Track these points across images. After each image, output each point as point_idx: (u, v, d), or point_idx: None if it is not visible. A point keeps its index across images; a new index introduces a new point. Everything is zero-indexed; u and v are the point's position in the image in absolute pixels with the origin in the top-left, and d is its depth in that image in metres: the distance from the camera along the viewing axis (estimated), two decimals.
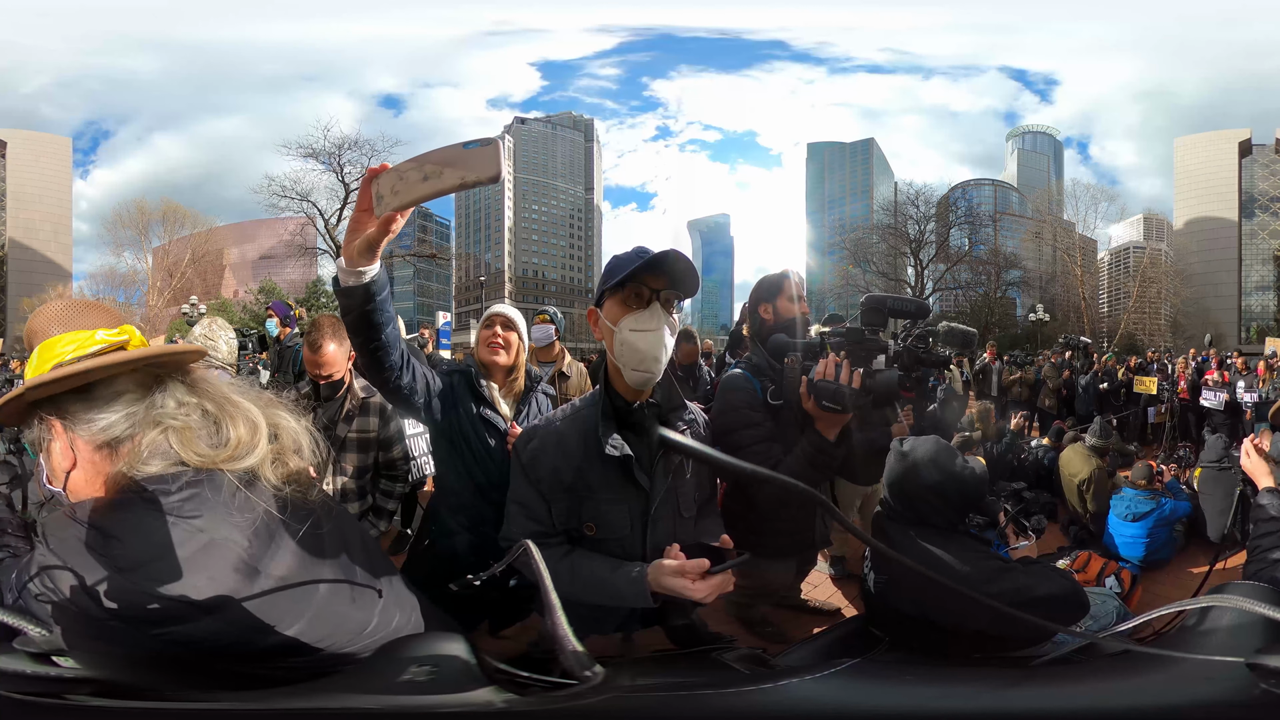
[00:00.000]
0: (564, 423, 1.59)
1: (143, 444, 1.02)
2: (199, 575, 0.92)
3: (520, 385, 2.30)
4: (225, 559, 0.96)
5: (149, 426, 1.03)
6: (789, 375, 1.88)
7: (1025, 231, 41.29)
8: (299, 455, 1.12)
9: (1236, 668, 0.66)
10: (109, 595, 0.87)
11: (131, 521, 0.95)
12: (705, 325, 45.91)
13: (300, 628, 0.95)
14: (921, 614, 1.63)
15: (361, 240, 1.16)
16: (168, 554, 0.92)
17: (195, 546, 0.94)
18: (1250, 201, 38.76)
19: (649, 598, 1.38)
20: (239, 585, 0.94)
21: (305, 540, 1.04)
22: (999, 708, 0.79)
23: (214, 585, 0.92)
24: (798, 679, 0.83)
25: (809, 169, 48.04)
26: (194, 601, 0.90)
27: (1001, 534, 3.02)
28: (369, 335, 1.52)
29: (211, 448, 1.04)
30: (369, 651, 0.95)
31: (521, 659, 0.74)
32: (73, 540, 0.92)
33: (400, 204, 1.02)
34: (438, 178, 0.96)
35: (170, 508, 0.96)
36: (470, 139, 0.96)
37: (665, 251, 1.43)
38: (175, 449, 1.02)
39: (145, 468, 1.01)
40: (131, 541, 0.92)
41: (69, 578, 0.88)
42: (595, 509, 1.53)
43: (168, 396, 1.06)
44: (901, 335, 1.77)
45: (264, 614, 0.93)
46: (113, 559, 0.90)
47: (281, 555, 1.01)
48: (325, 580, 1.03)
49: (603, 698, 0.66)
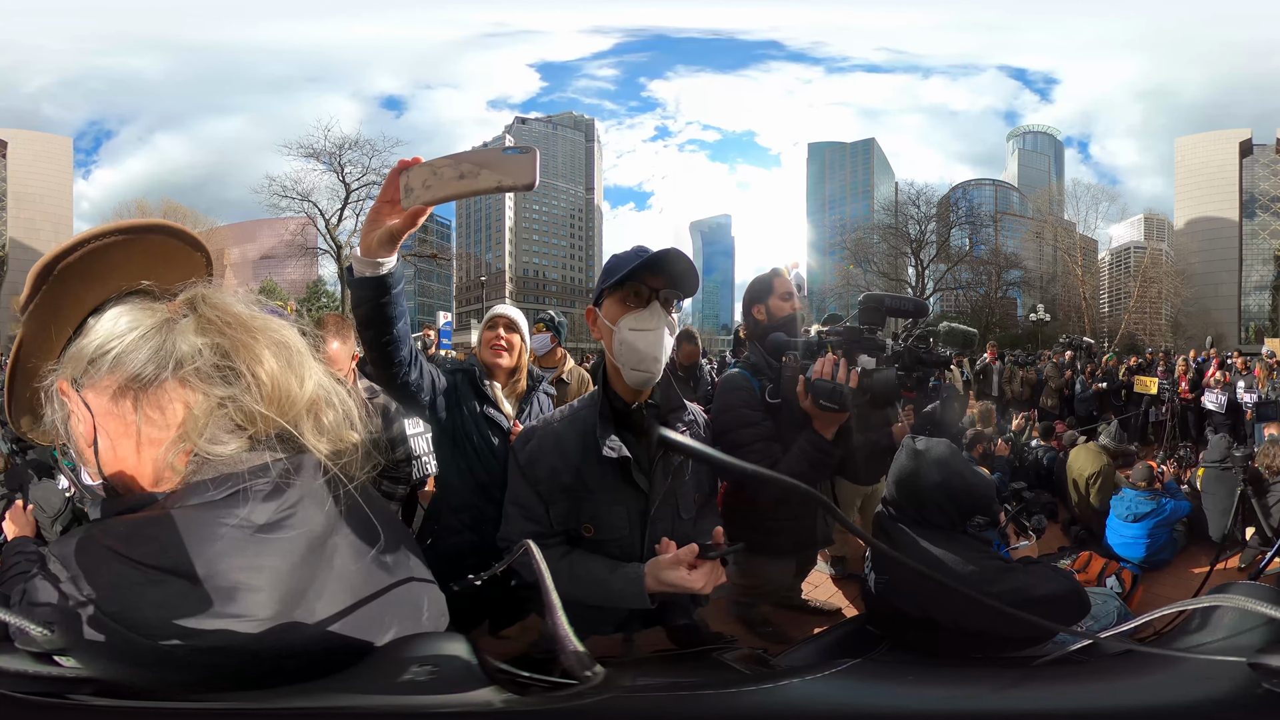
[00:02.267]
0: (562, 423, 1.59)
1: (195, 408, 0.76)
2: (313, 605, 0.71)
3: (523, 385, 2.31)
4: (338, 581, 0.74)
5: (175, 369, 0.76)
6: (787, 374, 1.88)
7: (1026, 231, 41.27)
8: (351, 426, 0.90)
9: (1238, 667, 0.66)
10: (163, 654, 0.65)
11: (206, 560, 0.67)
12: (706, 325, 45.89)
13: (396, 630, 0.78)
14: (923, 614, 1.63)
15: (383, 231, 1.15)
16: (276, 604, 0.68)
17: (303, 582, 0.71)
18: (1251, 201, 38.71)
19: (646, 598, 1.37)
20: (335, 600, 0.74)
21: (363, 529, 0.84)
22: (1000, 708, 0.79)
23: (325, 610, 0.72)
24: (799, 679, 0.83)
25: (810, 169, 48.03)
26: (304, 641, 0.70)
27: (1002, 534, 3.03)
28: (381, 328, 1.50)
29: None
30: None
31: (522, 659, 0.73)
32: (106, 581, 0.66)
33: (431, 199, 1.03)
34: (474, 177, 0.97)
35: (271, 523, 0.71)
36: (508, 146, 1.00)
37: (665, 250, 1.43)
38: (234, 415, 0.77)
39: (217, 447, 0.76)
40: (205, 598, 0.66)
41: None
42: (594, 510, 1.52)
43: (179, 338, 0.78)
44: (902, 335, 1.77)
45: (362, 630, 0.75)
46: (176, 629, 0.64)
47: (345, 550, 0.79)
48: (411, 579, 0.85)
49: (603, 698, 0.66)
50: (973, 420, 5.65)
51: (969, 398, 7.37)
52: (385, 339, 1.54)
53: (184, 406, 0.77)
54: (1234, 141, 38.82)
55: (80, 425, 0.79)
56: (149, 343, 0.77)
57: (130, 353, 0.76)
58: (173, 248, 0.87)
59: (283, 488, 0.75)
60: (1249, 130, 38.63)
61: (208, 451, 0.76)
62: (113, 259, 0.81)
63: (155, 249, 0.85)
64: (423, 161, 1.03)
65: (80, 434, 0.79)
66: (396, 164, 1.07)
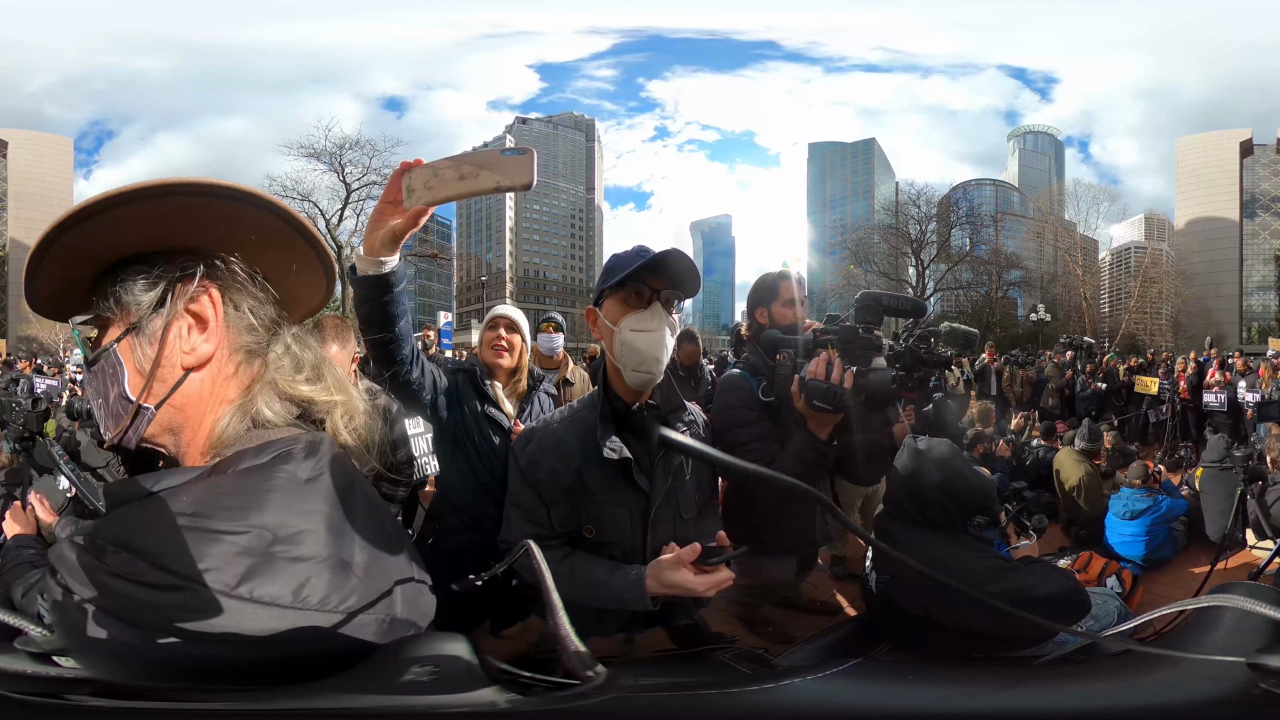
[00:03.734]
0: (562, 424, 1.58)
1: (262, 375, 0.81)
2: (351, 545, 0.76)
3: (524, 385, 2.31)
4: (362, 527, 0.78)
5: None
6: (781, 373, 1.83)
7: (1026, 231, 41.34)
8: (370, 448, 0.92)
9: (1237, 667, 0.66)
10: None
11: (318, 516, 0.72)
12: (706, 326, 45.93)
13: (402, 605, 0.80)
14: (923, 614, 1.63)
15: (386, 231, 1.17)
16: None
17: (341, 523, 0.76)
18: (1252, 201, 38.76)
19: (647, 601, 1.37)
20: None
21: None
22: (1001, 708, 0.79)
23: (359, 552, 0.76)
24: (800, 679, 0.83)
25: (810, 169, 48.08)
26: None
27: (1002, 533, 3.03)
28: (383, 327, 1.51)
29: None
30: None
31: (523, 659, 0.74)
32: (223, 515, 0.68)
33: (433, 199, 1.05)
34: (474, 178, 0.99)
35: (312, 477, 0.76)
36: (507, 148, 1.01)
37: (667, 251, 1.42)
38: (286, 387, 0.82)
39: (299, 387, 0.82)
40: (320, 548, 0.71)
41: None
42: (595, 512, 1.52)
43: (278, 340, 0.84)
44: (903, 335, 1.77)
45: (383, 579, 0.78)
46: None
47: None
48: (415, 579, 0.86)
49: (605, 698, 0.66)
50: (973, 420, 5.65)
51: (970, 398, 7.37)
52: (387, 337, 1.55)
53: (255, 373, 0.82)
54: (1234, 141, 38.86)
55: (199, 338, 0.78)
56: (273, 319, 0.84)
57: (265, 307, 0.83)
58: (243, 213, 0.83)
59: (316, 447, 0.79)
60: (1250, 130, 38.68)
61: (265, 417, 0.79)
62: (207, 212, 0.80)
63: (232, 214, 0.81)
64: (424, 163, 1.05)
65: (193, 346, 0.78)
66: (399, 165, 1.09)
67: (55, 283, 0.81)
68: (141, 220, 0.76)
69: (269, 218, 0.80)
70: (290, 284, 0.88)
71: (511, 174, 0.97)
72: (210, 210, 0.77)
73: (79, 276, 0.81)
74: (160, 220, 0.77)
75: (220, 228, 0.79)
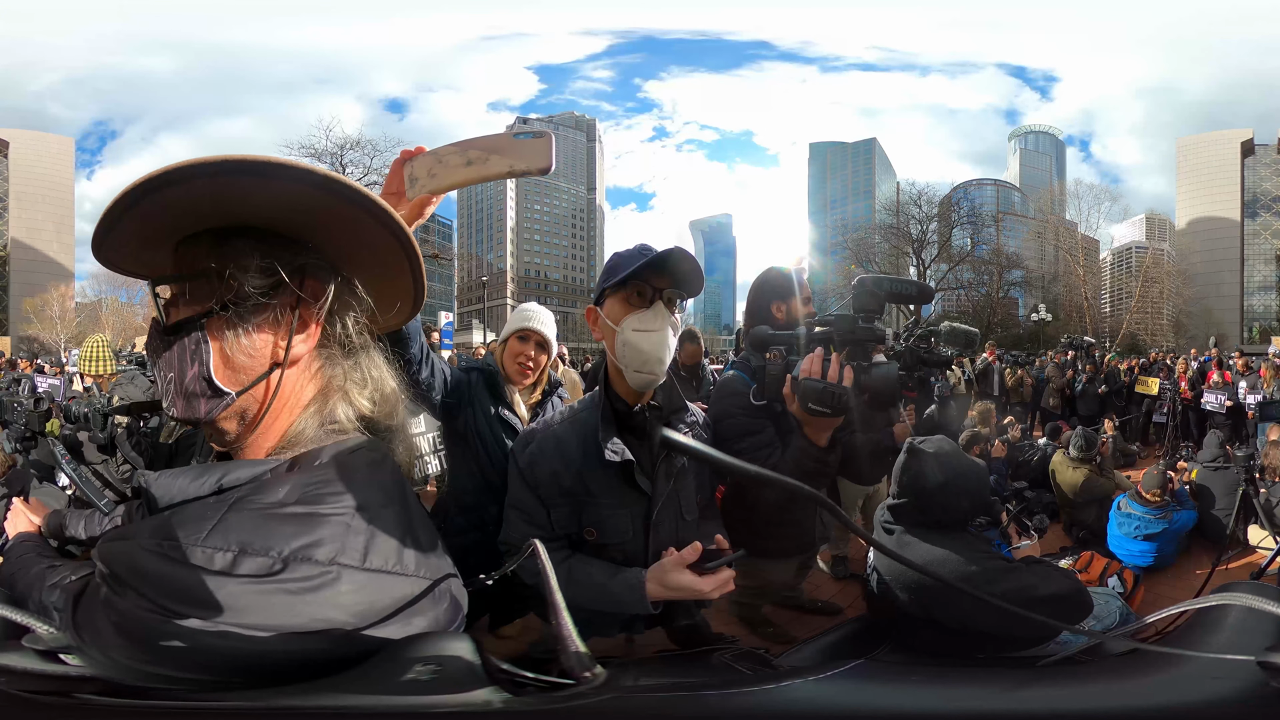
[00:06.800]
0: (562, 426, 1.56)
1: (334, 380, 0.83)
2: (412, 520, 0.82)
3: (540, 393, 2.32)
4: (416, 511, 0.85)
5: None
6: (772, 372, 1.61)
7: (1027, 231, 41.33)
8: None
9: (1246, 666, 0.66)
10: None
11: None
12: (707, 325, 45.91)
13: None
14: (925, 614, 1.63)
15: None
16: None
17: (401, 501, 0.82)
18: (1253, 201, 38.72)
19: (647, 604, 1.36)
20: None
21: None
22: (1003, 708, 0.78)
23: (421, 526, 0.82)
24: (801, 679, 0.83)
25: (811, 168, 48.05)
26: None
27: (1004, 533, 3.02)
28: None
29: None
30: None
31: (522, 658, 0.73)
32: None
33: (437, 187, 1.01)
34: (482, 163, 0.95)
35: (376, 462, 0.81)
36: (520, 130, 0.98)
37: (669, 249, 1.40)
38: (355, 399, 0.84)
39: (362, 403, 0.84)
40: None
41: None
42: (596, 514, 1.50)
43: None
44: (904, 335, 1.75)
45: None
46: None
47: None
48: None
49: (604, 698, 0.66)
50: (973, 421, 5.64)
51: (971, 397, 7.36)
52: (395, 335, 1.54)
53: (332, 378, 0.83)
54: (1236, 141, 38.82)
55: (295, 345, 0.77)
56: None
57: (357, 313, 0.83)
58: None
59: (380, 447, 0.84)
60: (1251, 130, 38.64)
61: (338, 419, 0.81)
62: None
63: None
64: (427, 150, 1.02)
65: (287, 352, 0.76)
66: (400, 154, 1.06)
67: (136, 235, 0.74)
68: (271, 198, 0.71)
69: (388, 237, 0.77)
70: (383, 307, 0.87)
71: (528, 158, 0.93)
72: (336, 211, 0.73)
73: (176, 227, 0.75)
74: (287, 203, 0.72)
75: (342, 231, 0.76)
